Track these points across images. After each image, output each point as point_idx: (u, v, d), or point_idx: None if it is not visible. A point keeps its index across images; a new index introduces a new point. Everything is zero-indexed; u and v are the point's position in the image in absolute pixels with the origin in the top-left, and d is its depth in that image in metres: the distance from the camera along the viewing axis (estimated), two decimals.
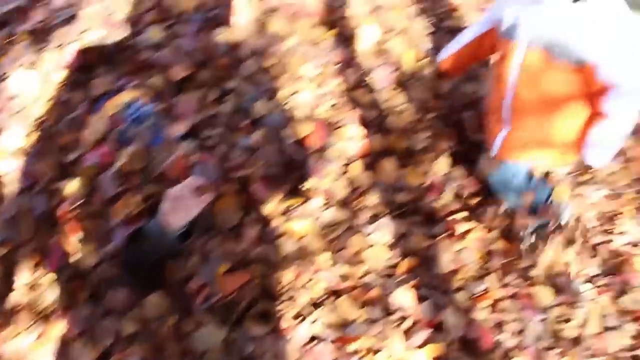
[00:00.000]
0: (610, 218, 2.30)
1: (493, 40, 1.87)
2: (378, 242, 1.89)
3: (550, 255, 2.00)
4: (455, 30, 2.79)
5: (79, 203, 1.67)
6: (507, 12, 1.77)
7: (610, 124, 1.69)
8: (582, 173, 2.43)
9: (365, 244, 1.87)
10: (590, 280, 2.05)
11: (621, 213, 2.25)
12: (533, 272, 1.98)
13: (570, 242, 2.13)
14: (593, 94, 1.69)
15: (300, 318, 1.61)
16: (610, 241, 2.19)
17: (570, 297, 1.95)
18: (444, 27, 2.90)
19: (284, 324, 1.59)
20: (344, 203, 1.97)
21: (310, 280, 1.72)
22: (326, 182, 1.98)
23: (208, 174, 1.75)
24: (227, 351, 1.52)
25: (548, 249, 2.00)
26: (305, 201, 1.90)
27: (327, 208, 1.92)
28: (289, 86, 2.20)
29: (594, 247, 2.18)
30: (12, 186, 1.75)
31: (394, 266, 1.85)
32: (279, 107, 2.12)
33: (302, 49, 2.32)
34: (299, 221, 1.84)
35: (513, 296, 1.90)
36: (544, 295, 1.93)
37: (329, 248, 1.82)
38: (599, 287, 2.01)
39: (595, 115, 1.72)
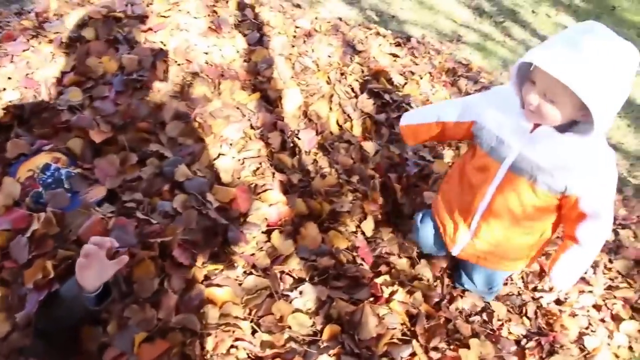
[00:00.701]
0: (537, 275, 2.59)
1: (462, 134, 2.02)
2: (301, 308, 2.02)
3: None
4: (379, 94, 3.13)
5: None
6: (491, 124, 1.86)
7: (582, 250, 1.86)
8: None
9: (288, 310, 1.99)
10: (519, 340, 2.28)
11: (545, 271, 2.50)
12: (459, 335, 2.18)
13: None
14: (570, 219, 1.86)
15: None
16: (539, 298, 2.47)
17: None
18: (369, 89, 3.21)
19: None
20: (266, 269, 2.10)
21: (232, 347, 1.83)
22: (248, 248, 2.13)
23: (126, 238, 1.91)
24: None
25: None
26: (226, 267, 2.03)
27: (249, 274, 2.05)
28: (211, 150, 2.37)
29: (522, 307, 2.44)
30: None
31: (318, 333, 1.98)
32: (201, 171, 2.27)
33: (225, 112, 2.51)
34: (220, 287, 1.96)
35: None
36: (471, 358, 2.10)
37: (250, 315, 1.94)
38: (528, 348, 2.24)
39: (568, 239, 1.90)
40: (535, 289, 2.55)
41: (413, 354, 2.03)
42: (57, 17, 2.77)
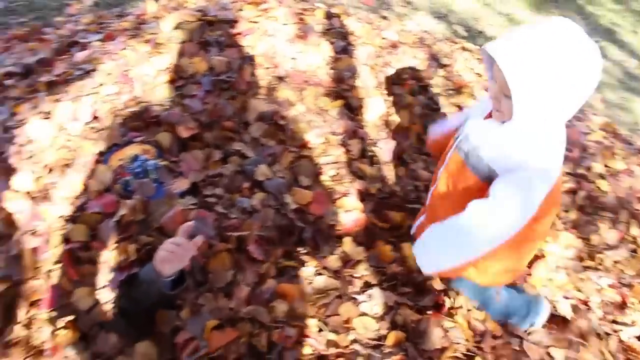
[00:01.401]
0: (618, 307, 2.51)
1: None
2: (368, 312, 2.07)
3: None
4: (461, 108, 3.16)
5: (79, 248, 1.98)
6: (466, 126, 1.95)
7: (451, 221, 1.77)
8: (587, 259, 2.70)
9: (355, 312, 2.05)
10: None
11: (631, 303, 2.47)
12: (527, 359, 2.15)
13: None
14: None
15: None
16: (619, 331, 2.38)
17: None
18: (451, 103, 3.26)
19: None
20: (337, 271, 2.17)
21: (297, 342, 1.91)
22: (321, 250, 2.22)
23: (205, 230, 2.04)
24: None
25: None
26: (299, 265, 2.13)
27: (319, 274, 2.13)
28: (292, 153, 2.49)
29: (601, 337, 2.35)
30: (18, 225, 2.06)
31: (382, 338, 2.01)
32: (281, 172, 2.39)
33: (308, 117, 2.64)
34: (291, 284, 2.05)
35: None
36: None
37: (318, 313, 2.02)
38: None
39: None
40: (615, 322, 2.50)
41: None
42: (154, 19, 2.96)
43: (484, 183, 1.78)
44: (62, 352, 1.85)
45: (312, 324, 1.99)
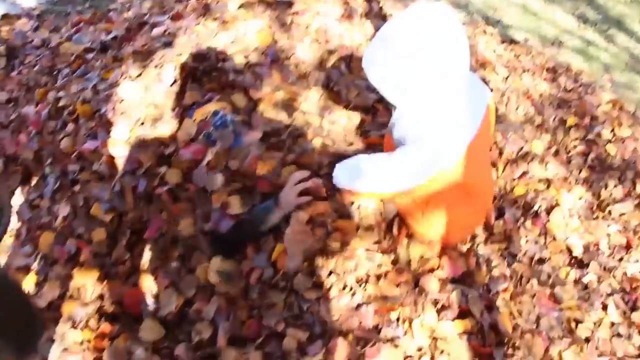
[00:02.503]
0: (623, 248, 2.79)
1: None
2: None
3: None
4: (484, 80, 3.39)
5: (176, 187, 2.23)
6: None
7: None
8: (597, 210, 2.96)
9: None
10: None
11: (636, 246, 2.74)
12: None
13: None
14: None
15: (348, 289, 1.98)
16: (624, 267, 2.66)
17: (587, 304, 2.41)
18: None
19: (333, 292, 1.96)
20: None
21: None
22: None
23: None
24: (286, 309, 1.96)
25: None
26: None
27: None
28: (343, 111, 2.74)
29: (609, 270, 2.66)
30: (120, 167, 2.32)
31: None
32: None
33: (357, 82, 2.89)
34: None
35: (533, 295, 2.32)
36: (563, 295, 2.38)
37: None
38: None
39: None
40: (621, 260, 2.76)
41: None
42: (215, 1, 3.21)
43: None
44: (163, 270, 2.12)
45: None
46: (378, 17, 3.39)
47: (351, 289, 1.98)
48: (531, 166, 3.07)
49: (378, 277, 2.03)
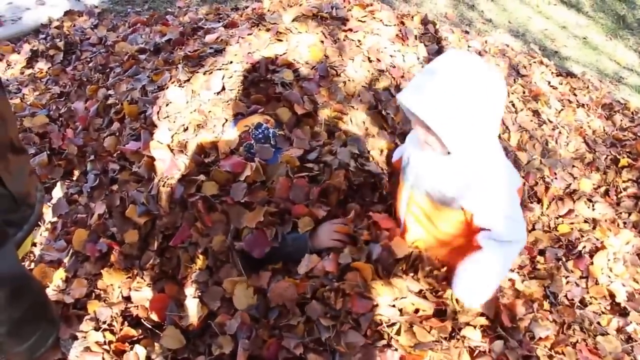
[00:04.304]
0: None
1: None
2: None
3: None
4: (537, 112, 3.27)
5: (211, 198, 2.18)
6: (407, 149, 2.00)
7: (481, 257, 1.79)
8: None
9: None
10: None
11: None
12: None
13: None
14: (473, 232, 1.84)
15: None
16: None
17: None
18: (529, 108, 3.36)
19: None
20: None
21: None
22: None
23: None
24: (307, 333, 1.84)
25: None
26: None
27: None
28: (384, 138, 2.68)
29: None
30: (159, 171, 2.29)
31: None
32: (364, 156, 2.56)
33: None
34: None
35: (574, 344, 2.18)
36: (606, 345, 2.23)
37: None
38: None
39: (473, 249, 1.84)
40: None
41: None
42: (270, 12, 3.18)
43: (441, 206, 1.87)
44: (190, 279, 2.08)
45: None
46: (433, 41, 3.31)
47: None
48: (578, 205, 2.94)
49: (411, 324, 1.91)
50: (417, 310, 1.87)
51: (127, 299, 2.08)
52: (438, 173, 1.81)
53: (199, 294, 2.02)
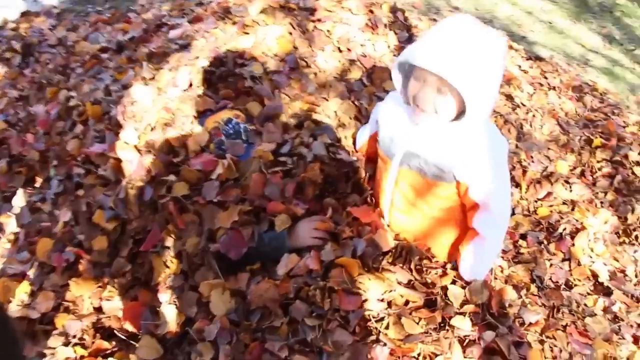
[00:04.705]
0: None
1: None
2: None
3: None
4: (511, 97, 3.22)
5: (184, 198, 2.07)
6: (384, 125, 1.89)
7: (481, 241, 1.79)
8: (623, 235, 2.77)
9: None
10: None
11: None
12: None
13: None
14: (467, 209, 1.82)
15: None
16: None
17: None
18: (502, 92, 3.32)
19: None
20: None
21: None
22: None
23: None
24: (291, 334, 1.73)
25: None
26: None
27: None
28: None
29: (637, 299, 2.48)
30: (127, 173, 2.17)
31: None
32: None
33: (378, 94, 2.73)
34: None
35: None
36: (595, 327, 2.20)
37: None
38: None
39: (468, 231, 1.85)
40: None
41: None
42: (236, 5, 3.07)
43: (434, 181, 1.79)
44: (165, 285, 1.96)
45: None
46: (403, 29, 3.24)
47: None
48: (555, 187, 2.90)
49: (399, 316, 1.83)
50: (407, 303, 1.79)
51: (99, 310, 1.96)
52: (435, 144, 1.72)
53: (175, 300, 1.90)
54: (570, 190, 2.94)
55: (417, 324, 1.72)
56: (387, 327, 1.70)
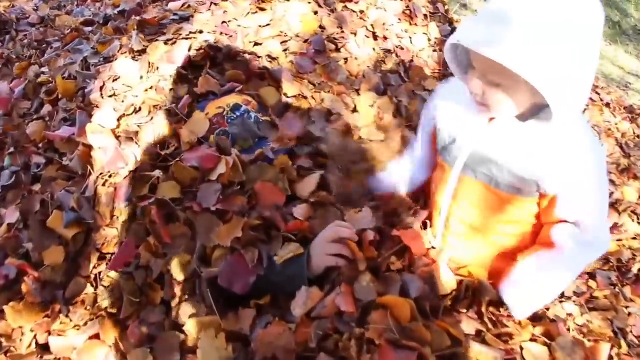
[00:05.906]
0: None
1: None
2: None
3: None
4: None
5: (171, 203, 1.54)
6: (443, 121, 1.49)
7: (555, 255, 1.37)
8: None
9: None
10: None
11: None
12: None
13: None
14: (545, 224, 1.43)
15: None
16: None
17: None
18: None
19: None
20: None
21: None
22: None
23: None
24: None
25: None
26: None
27: None
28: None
29: None
30: (98, 165, 1.66)
31: None
32: None
33: (417, 92, 2.26)
34: None
35: None
36: None
37: None
38: None
39: (540, 246, 1.43)
40: None
41: None
42: None
43: (508, 195, 1.39)
44: (138, 319, 1.43)
45: None
46: (444, 22, 2.75)
47: None
48: (623, 218, 2.41)
49: None
50: None
51: (45, 349, 1.45)
52: (515, 145, 1.30)
53: (150, 342, 1.38)
54: (639, 223, 2.45)
55: None
56: None
